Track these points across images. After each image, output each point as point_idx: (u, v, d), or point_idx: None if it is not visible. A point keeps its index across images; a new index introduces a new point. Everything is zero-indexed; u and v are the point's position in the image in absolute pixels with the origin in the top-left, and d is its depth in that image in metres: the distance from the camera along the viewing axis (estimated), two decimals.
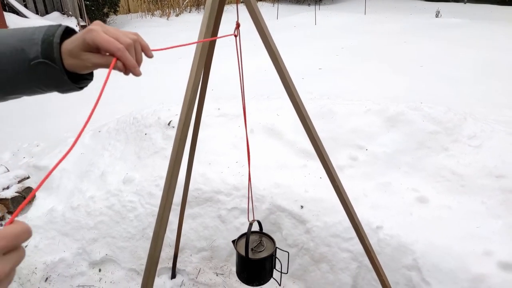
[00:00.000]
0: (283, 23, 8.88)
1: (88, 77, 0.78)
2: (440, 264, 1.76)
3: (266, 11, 11.11)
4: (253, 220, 1.38)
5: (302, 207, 2.15)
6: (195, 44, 1.01)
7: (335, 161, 2.44)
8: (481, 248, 1.76)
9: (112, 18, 10.50)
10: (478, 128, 2.51)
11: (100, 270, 2.29)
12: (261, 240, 1.49)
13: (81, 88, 0.77)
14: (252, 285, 1.46)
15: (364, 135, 2.56)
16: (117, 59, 0.68)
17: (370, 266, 1.58)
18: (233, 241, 1.47)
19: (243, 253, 1.38)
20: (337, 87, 4.09)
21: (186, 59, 5.12)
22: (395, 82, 4.31)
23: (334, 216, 2.06)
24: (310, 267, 2.09)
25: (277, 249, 1.46)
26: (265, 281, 1.46)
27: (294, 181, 2.31)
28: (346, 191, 2.12)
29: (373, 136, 2.55)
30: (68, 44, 0.71)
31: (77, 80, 0.75)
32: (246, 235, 1.35)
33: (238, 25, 1.05)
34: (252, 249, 1.44)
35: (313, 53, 6.10)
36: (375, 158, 2.44)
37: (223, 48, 2.98)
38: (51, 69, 0.72)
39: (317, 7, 9.49)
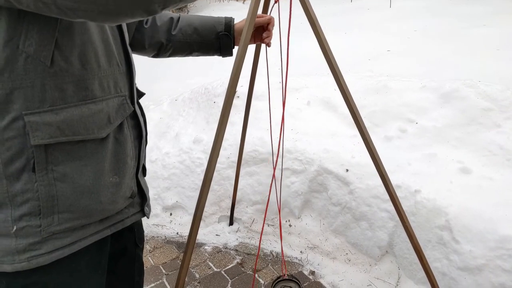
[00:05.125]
0: (357, 6, 8.78)
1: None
2: (470, 225, 1.88)
3: None
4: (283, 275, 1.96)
5: (347, 170, 2.36)
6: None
7: (384, 132, 2.59)
8: None
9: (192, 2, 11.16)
10: None
11: (171, 214, 2.72)
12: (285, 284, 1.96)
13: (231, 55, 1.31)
14: None
15: (416, 110, 2.66)
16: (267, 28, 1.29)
17: None
18: None
19: None
20: (400, 68, 4.12)
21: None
22: (463, 64, 4.21)
23: (375, 179, 2.24)
24: (351, 224, 2.31)
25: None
26: None
27: (342, 148, 2.52)
28: (391, 160, 2.30)
29: (425, 111, 2.64)
30: (238, 25, 1.25)
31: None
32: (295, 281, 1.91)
33: None
34: None
35: (385, 35, 6.04)
36: (425, 131, 2.54)
37: (302, 32, 3.19)
38: (227, 39, 1.24)
39: None
